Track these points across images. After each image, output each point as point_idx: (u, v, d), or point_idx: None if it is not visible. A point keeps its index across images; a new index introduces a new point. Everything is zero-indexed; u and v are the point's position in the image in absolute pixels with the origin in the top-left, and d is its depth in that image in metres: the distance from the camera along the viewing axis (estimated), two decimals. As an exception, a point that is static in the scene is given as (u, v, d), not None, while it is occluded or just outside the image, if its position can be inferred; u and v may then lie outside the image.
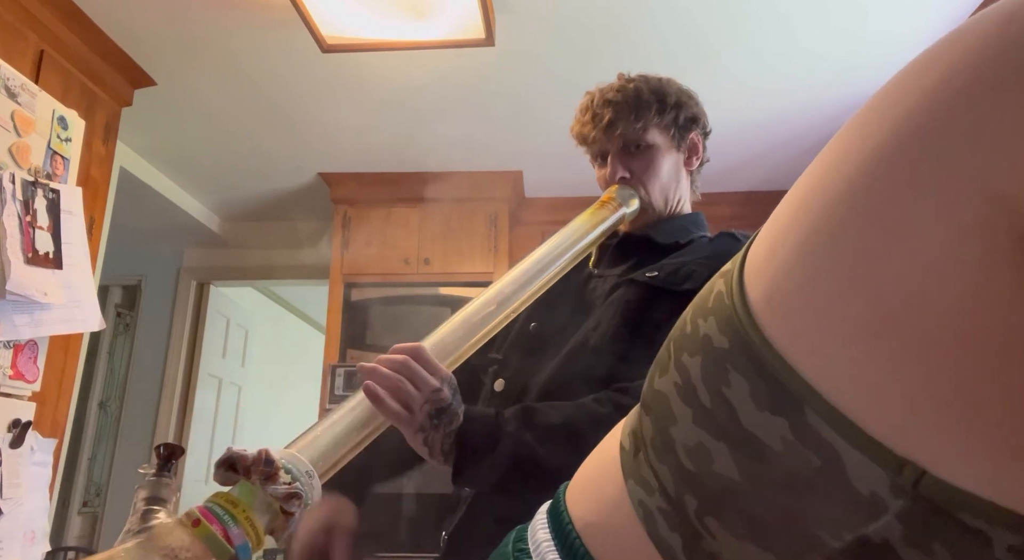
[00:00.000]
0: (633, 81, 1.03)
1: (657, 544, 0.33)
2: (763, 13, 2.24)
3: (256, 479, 0.51)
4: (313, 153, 3.19)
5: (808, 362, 0.26)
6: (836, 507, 0.26)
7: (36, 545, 1.68)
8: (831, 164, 0.28)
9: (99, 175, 2.41)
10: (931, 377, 0.23)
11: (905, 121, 0.25)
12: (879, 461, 0.24)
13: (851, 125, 0.28)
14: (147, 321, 3.92)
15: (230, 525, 0.48)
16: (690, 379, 0.31)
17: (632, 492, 0.35)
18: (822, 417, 0.25)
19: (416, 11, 2.14)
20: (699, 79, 2.59)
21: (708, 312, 0.32)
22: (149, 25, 2.34)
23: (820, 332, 0.26)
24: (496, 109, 2.81)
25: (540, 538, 0.40)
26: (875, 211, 0.24)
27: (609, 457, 0.39)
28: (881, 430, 0.24)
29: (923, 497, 0.23)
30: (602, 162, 1.04)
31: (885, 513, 0.24)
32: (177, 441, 3.78)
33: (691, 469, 0.31)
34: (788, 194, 0.31)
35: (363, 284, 3.29)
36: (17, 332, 1.58)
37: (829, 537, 0.26)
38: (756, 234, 0.33)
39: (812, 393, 0.26)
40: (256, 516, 0.49)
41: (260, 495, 0.50)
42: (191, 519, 0.47)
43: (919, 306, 0.23)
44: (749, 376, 0.28)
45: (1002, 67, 0.22)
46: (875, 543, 0.25)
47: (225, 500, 0.50)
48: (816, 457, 0.26)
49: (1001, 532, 0.22)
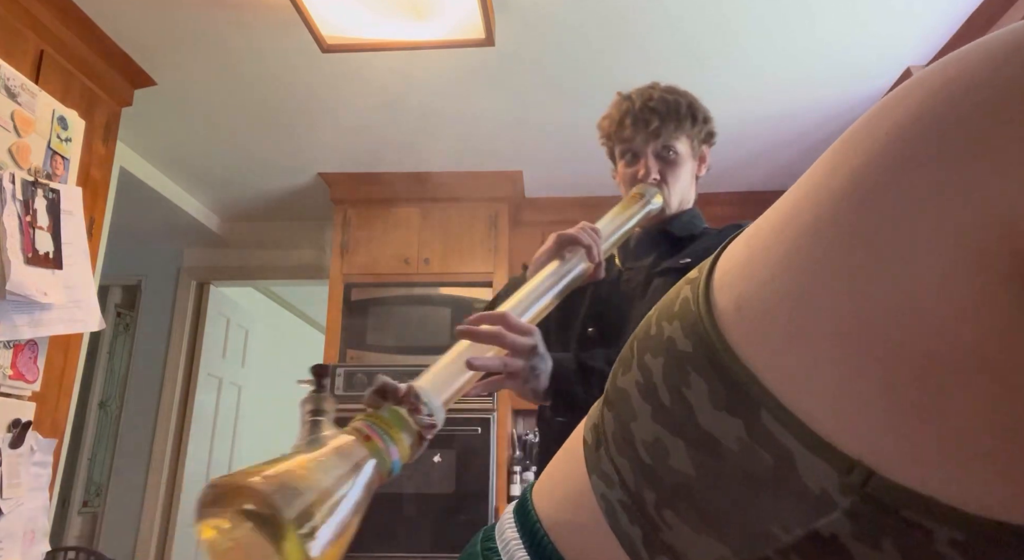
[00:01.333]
0: (673, 93, 1.15)
1: (619, 537, 0.35)
2: (759, 16, 2.24)
3: (405, 409, 0.60)
4: (313, 153, 3.19)
5: (769, 368, 0.28)
6: (788, 503, 0.27)
7: (36, 545, 1.68)
8: (819, 181, 0.29)
9: (99, 175, 2.41)
10: (896, 387, 0.24)
11: (902, 144, 0.25)
12: (830, 461, 0.26)
13: (841, 142, 0.29)
14: (147, 321, 3.92)
15: (389, 443, 0.57)
16: (651, 378, 0.33)
17: (595, 486, 0.37)
18: (777, 419, 0.27)
19: (416, 11, 2.14)
20: (697, 80, 2.60)
21: (673, 316, 0.33)
22: (149, 25, 2.34)
23: (787, 340, 0.27)
24: (496, 109, 2.81)
25: (508, 537, 0.41)
26: (866, 230, 0.25)
27: (574, 455, 0.40)
28: (834, 433, 0.26)
29: (871, 496, 0.25)
30: (630, 160, 1.15)
31: (834, 510, 0.26)
32: (177, 441, 3.79)
33: (649, 463, 0.32)
34: (771, 208, 0.32)
35: (363, 284, 3.29)
36: (17, 332, 1.58)
37: (780, 531, 0.28)
38: (726, 244, 0.35)
39: (769, 396, 0.27)
40: (403, 437, 0.59)
41: (407, 422, 0.60)
42: (362, 435, 0.56)
43: (899, 322, 0.24)
44: (709, 378, 0.30)
45: (1005, 94, 0.23)
46: (824, 537, 0.26)
47: (382, 422, 0.58)
48: (770, 456, 0.27)
49: (943, 528, 0.24)
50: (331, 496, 0.47)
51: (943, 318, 0.23)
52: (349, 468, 0.51)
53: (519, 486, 3.10)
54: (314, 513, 0.45)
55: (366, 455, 0.53)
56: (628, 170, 1.15)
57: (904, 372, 0.24)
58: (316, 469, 0.49)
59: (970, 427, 0.23)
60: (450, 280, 3.28)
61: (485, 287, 3.25)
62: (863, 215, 0.25)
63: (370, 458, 0.53)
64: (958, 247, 0.23)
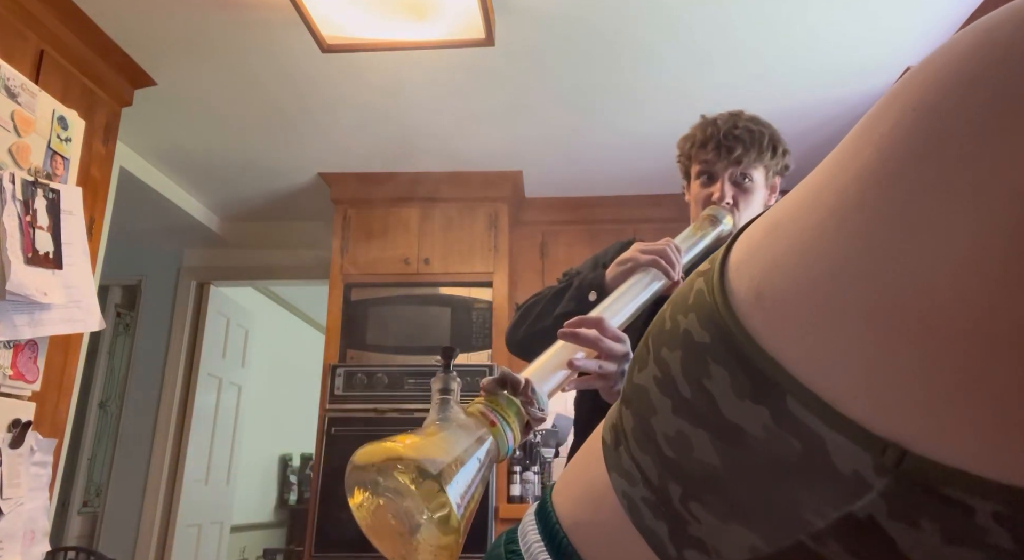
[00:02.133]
0: (757, 124, 1.20)
1: (644, 533, 0.34)
2: (760, 15, 2.24)
3: (520, 400, 0.67)
4: (313, 153, 3.19)
5: (793, 353, 0.27)
6: (819, 488, 0.27)
7: (36, 545, 1.68)
8: (843, 164, 0.28)
9: (99, 175, 2.41)
10: (927, 361, 0.24)
11: (930, 116, 0.25)
12: (862, 443, 0.25)
13: (864, 122, 0.28)
14: (147, 321, 3.92)
15: (506, 428, 0.63)
16: (670, 372, 0.33)
17: (616, 484, 0.36)
18: (804, 404, 0.27)
19: (416, 11, 2.14)
20: (697, 80, 2.60)
21: (688, 309, 0.33)
22: (149, 25, 2.34)
23: (813, 325, 0.27)
24: (496, 109, 2.81)
25: (531, 539, 0.41)
26: (893, 209, 0.25)
27: (592, 455, 0.40)
28: (865, 414, 0.25)
29: (906, 475, 0.25)
30: (706, 182, 1.21)
31: (869, 492, 0.26)
32: (177, 441, 3.79)
33: (672, 457, 0.32)
34: (789, 195, 0.32)
35: (363, 284, 3.29)
36: (17, 332, 1.58)
37: (813, 516, 0.27)
38: (738, 234, 0.35)
39: (793, 381, 0.27)
40: (516, 424, 0.65)
41: (521, 412, 0.66)
42: (487, 420, 0.63)
43: (934, 299, 0.24)
44: (730, 368, 0.29)
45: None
46: (860, 519, 0.26)
47: (501, 408, 0.65)
48: (798, 442, 0.27)
49: (983, 502, 0.24)
50: (463, 463, 0.55)
51: (980, 290, 0.23)
52: (474, 442, 0.59)
53: (519, 486, 3.10)
54: (453, 474, 0.53)
55: (487, 434, 0.61)
56: (703, 190, 1.20)
57: (941, 348, 0.24)
58: (451, 441, 0.57)
59: (1012, 398, 0.23)
60: (450, 280, 3.28)
61: (485, 287, 3.25)
62: (890, 194, 0.25)
63: (490, 438, 0.61)
64: (994, 217, 0.22)
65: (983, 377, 0.23)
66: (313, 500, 2.94)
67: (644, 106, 2.69)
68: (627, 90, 2.64)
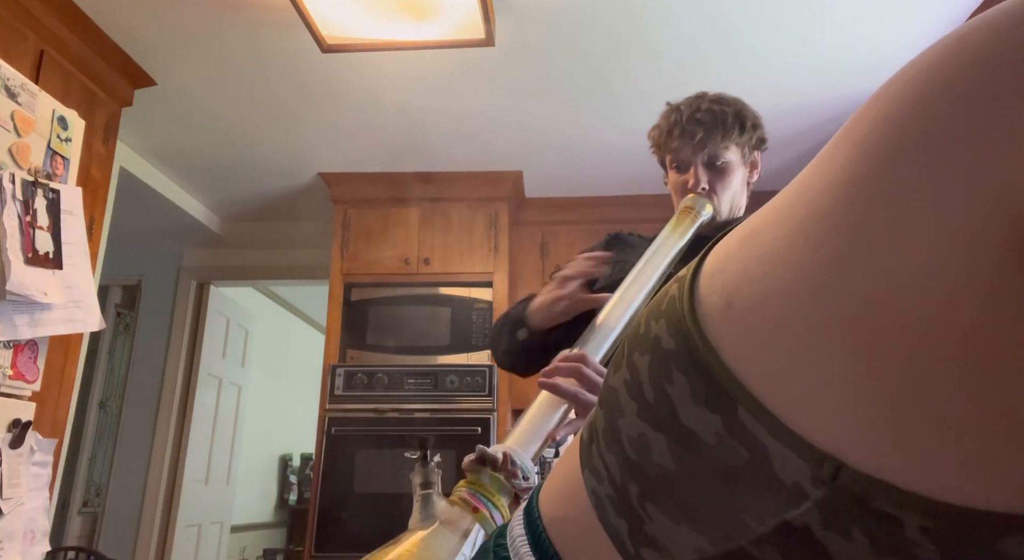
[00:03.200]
0: (720, 103, 1.17)
1: (607, 530, 0.36)
2: (761, 15, 2.24)
3: (503, 475, 0.67)
4: (313, 153, 3.19)
5: (749, 364, 0.28)
6: (761, 495, 0.28)
7: (36, 545, 1.68)
8: (815, 174, 0.29)
9: (99, 175, 2.41)
10: (875, 380, 0.24)
11: (891, 131, 0.25)
12: (802, 455, 0.26)
13: (838, 134, 0.29)
14: (147, 321, 3.92)
15: (492, 510, 0.64)
16: (638, 376, 0.34)
17: (587, 481, 0.38)
18: (752, 415, 0.28)
19: (416, 11, 2.14)
20: (698, 80, 2.60)
21: (660, 314, 0.34)
22: (149, 25, 2.34)
23: (770, 337, 0.28)
24: (496, 109, 2.81)
25: (516, 533, 0.43)
26: (854, 221, 0.25)
27: (572, 453, 0.41)
28: (807, 427, 0.26)
29: (841, 487, 0.26)
30: (679, 170, 1.18)
31: (806, 501, 0.27)
32: (177, 441, 3.79)
33: (634, 458, 0.33)
34: (767, 205, 0.32)
35: (363, 284, 3.29)
36: (17, 332, 1.58)
37: (754, 522, 0.28)
38: (716, 241, 0.35)
39: (745, 393, 0.28)
40: (503, 501, 0.65)
41: (505, 486, 0.66)
42: (470, 506, 0.63)
43: (881, 313, 0.24)
44: (690, 375, 0.30)
45: (1004, 72, 0.22)
46: (796, 527, 0.27)
47: (484, 490, 0.65)
48: (745, 450, 0.28)
49: (912, 516, 0.24)
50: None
51: (929, 304, 0.23)
52: (459, 538, 0.60)
53: (519, 486, 3.10)
54: None
55: (472, 522, 0.62)
56: (679, 178, 1.19)
57: (884, 364, 0.24)
58: (435, 548, 0.59)
59: (950, 417, 0.23)
60: (450, 280, 3.28)
61: (485, 287, 3.25)
62: (854, 206, 0.25)
63: (476, 527, 0.62)
64: (946, 229, 0.23)
65: (922, 396, 0.23)
66: (313, 500, 2.94)
67: (644, 106, 2.69)
68: (628, 90, 2.64)
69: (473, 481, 0.66)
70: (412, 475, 0.72)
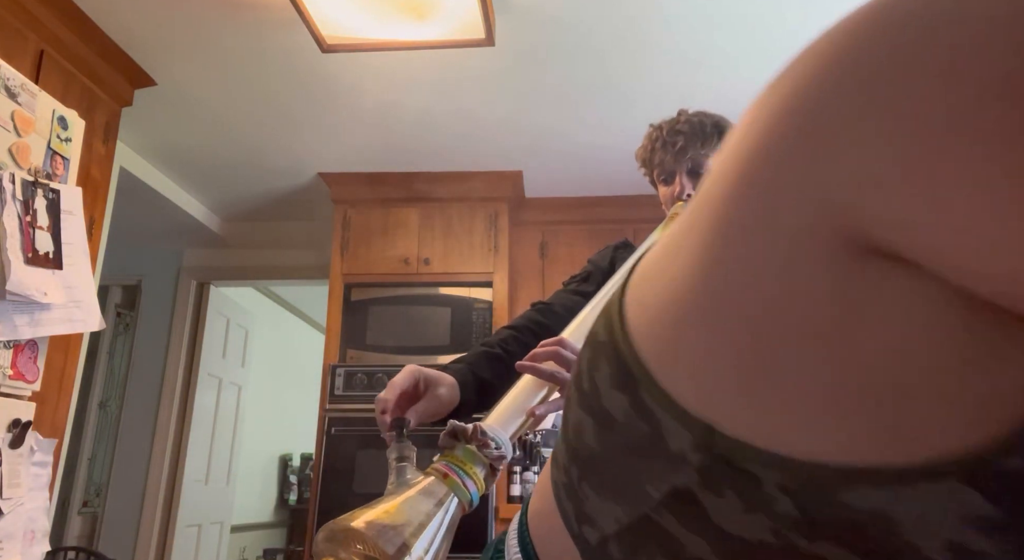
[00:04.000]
0: (699, 116, 1.21)
1: (561, 514, 0.39)
2: (760, 16, 2.24)
3: (475, 446, 0.69)
4: (313, 153, 3.19)
5: (653, 350, 0.32)
6: (657, 465, 0.32)
7: (36, 545, 1.68)
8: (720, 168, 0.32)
9: (99, 175, 2.41)
10: (741, 357, 0.28)
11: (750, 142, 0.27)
12: (686, 425, 0.30)
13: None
14: (147, 321, 3.92)
15: (465, 478, 0.65)
16: (580, 368, 0.37)
17: (552, 472, 0.42)
18: (650, 393, 0.31)
19: (416, 11, 2.14)
20: (696, 81, 2.60)
21: (603, 313, 0.37)
22: (149, 25, 2.34)
23: (670, 325, 0.31)
24: (496, 109, 2.81)
25: (511, 533, 0.48)
26: (726, 221, 0.28)
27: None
28: (691, 401, 0.30)
29: (715, 452, 0.29)
30: (666, 182, 1.23)
31: (688, 466, 0.30)
32: (177, 441, 3.79)
33: (574, 443, 0.37)
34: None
35: (363, 284, 3.29)
36: (17, 332, 1.58)
37: (653, 490, 0.32)
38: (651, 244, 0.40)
39: (646, 374, 0.32)
40: (477, 471, 0.67)
41: (478, 456, 0.68)
42: (441, 474, 0.65)
43: (744, 301, 0.27)
44: (611, 363, 0.34)
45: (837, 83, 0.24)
46: (681, 491, 0.31)
47: (456, 460, 0.67)
48: (646, 425, 0.32)
49: (768, 472, 0.28)
50: (423, 529, 0.58)
51: (776, 294, 0.26)
52: (434, 503, 0.61)
53: (519, 486, 3.10)
54: (411, 545, 0.56)
55: (447, 491, 0.63)
56: (667, 191, 1.23)
57: (747, 344, 0.27)
58: (408, 509, 0.60)
59: (794, 385, 0.26)
60: (450, 280, 3.28)
61: (485, 287, 3.25)
62: (726, 203, 0.28)
63: (451, 493, 0.63)
64: (784, 228, 0.25)
65: (775, 366, 0.27)
66: (313, 500, 2.94)
67: (645, 106, 2.69)
68: (628, 90, 2.64)
69: (448, 454, 0.68)
70: (388, 451, 0.74)
